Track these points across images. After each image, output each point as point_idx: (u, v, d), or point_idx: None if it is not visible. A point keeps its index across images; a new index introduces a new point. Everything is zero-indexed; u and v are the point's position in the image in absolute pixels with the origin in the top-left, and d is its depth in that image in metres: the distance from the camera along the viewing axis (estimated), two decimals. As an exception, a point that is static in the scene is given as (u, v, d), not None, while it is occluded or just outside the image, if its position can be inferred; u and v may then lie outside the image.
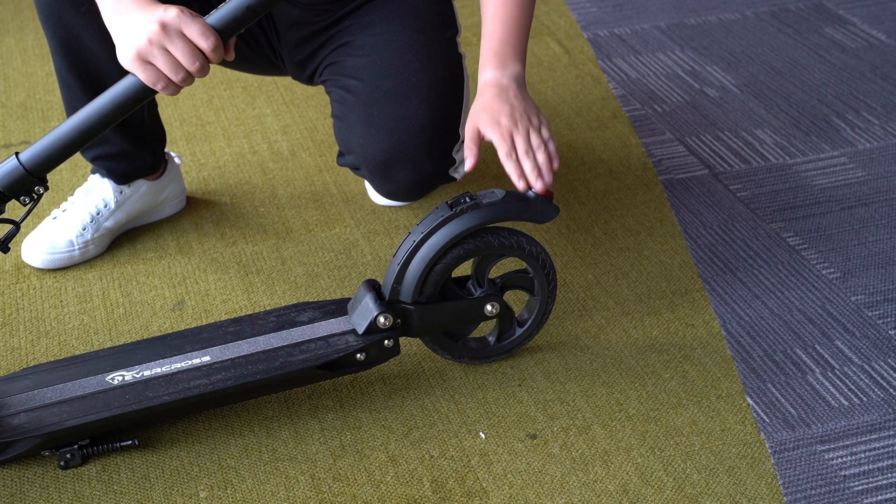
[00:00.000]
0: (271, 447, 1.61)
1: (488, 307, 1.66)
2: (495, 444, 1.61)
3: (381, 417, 1.65)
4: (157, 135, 2.01)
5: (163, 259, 2.00)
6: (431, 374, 1.73)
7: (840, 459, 1.58)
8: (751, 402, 1.68)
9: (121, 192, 2.00)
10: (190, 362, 1.59)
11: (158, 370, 1.58)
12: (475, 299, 1.66)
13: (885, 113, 2.44)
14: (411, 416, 1.66)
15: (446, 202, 1.60)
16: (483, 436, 1.62)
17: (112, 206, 1.99)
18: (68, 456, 1.54)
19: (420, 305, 1.62)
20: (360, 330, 1.61)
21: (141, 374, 1.57)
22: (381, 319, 1.60)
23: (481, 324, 1.73)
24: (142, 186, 2.02)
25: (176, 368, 1.58)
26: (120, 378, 1.57)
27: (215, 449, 1.60)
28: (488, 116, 1.58)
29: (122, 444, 1.57)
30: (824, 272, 1.95)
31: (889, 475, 1.56)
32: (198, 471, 1.57)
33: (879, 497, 1.52)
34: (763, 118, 2.43)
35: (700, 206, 2.13)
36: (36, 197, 1.42)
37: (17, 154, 1.42)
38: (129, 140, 1.94)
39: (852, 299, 1.89)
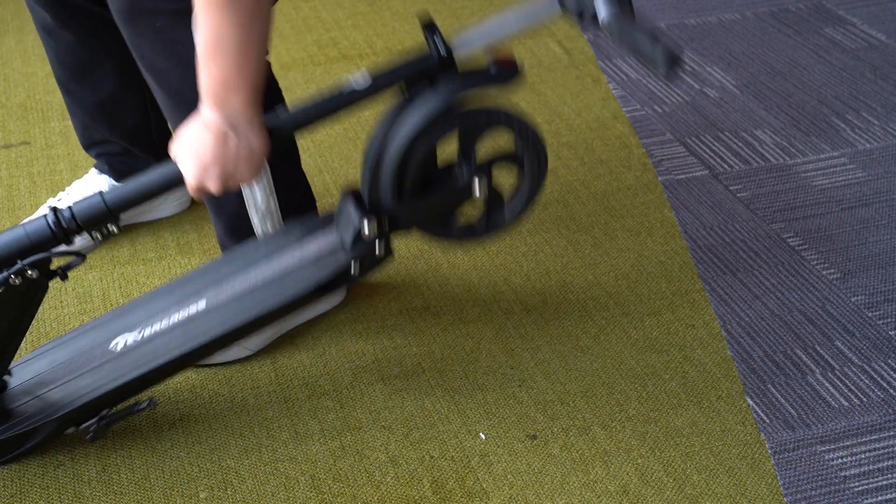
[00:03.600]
0: (271, 448, 1.60)
1: (475, 189, 1.55)
2: (495, 444, 1.61)
3: (382, 418, 1.65)
4: (162, 137, 2.01)
5: (163, 260, 1.99)
6: (431, 374, 1.73)
7: (840, 460, 1.58)
8: (751, 402, 1.68)
9: None
10: (188, 311, 1.56)
11: (159, 326, 1.55)
12: (460, 183, 1.55)
13: (885, 113, 2.44)
14: (411, 417, 1.65)
15: (402, 86, 1.50)
16: (483, 436, 1.62)
17: None
18: (92, 430, 1.53)
19: (404, 201, 1.53)
20: (348, 243, 1.56)
21: (142, 333, 1.55)
22: (366, 226, 1.53)
23: (472, 206, 1.61)
24: None
25: (176, 320, 1.55)
26: (123, 343, 1.55)
27: (215, 450, 1.60)
28: None
29: (139, 407, 1.56)
30: (824, 273, 1.95)
31: (889, 476, 1.56)
32: (198, 471, 1.57)
33: (880, 497, 1.52)
34: (763, 118, 2.43)
35: (700, 207, 2.13)
36: (106, 233, 1.46)
37: (101, 192, 1.46)
38: (134, 142, 1.94)
39: (852, 300, 1.89)
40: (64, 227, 1.42)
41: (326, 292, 1.57)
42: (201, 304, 1.57)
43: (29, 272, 1.43)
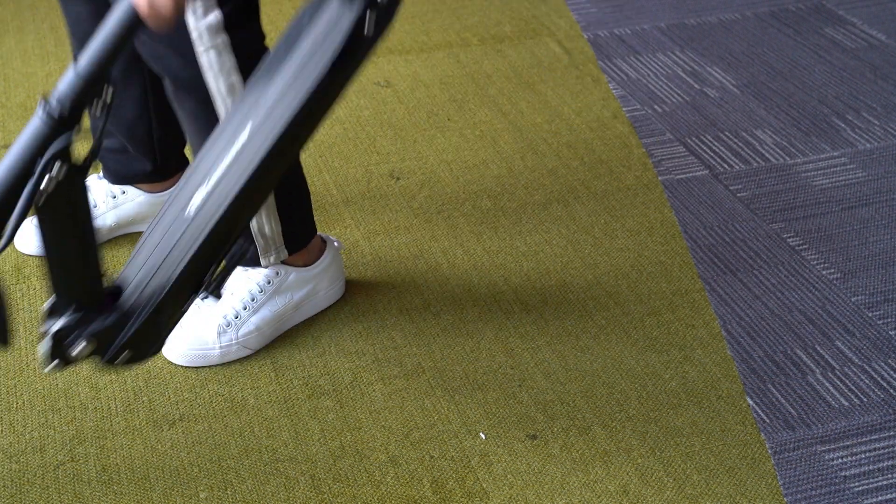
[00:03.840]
0: (271, 448, 1.61)
1: None
2: (495, 444, 1.61)
3: (381, 418, 1.65)
4: (167, 141, 1.96)
5: (163, 259, 1.99)
6: (431, 374, 1.73)
7: (840, 460, 1.58)
8: (751, 402, 1.68)
9: (113, 197, 1.97)
10: (238, 144, 1.48)
11: (220, 170, 1.49)
12: None
13: (885, 113, 2.44)
14: (411, 417, 1.66)
15: None
16: (483, 436, 1.62)
17: (101, 207, 1.97)
18: (211, 289, 1.52)
19: None
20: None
21: (207, 185, 1.50)
22: None
23: None
24: (138, 196, 1.99)
25: (232, 157, 1.49)
26: (195, 204, 1.50)
27: (215, 449, 1.60)
28: None
29: (237, 251, 1.53)
30: (824, 272, 1.95)
31: (889, 476, 1.56)
32: (198, 471, 1.57)
33: (880, 498, 1.52)
34: (763, 118, 2.43)
35: (700, 207, 2.13)
36: (104, 104, 1.38)
37: (73, 66, 1.37)
38: (131, 137, 1.92)
39: (852, 300, 1.89)
40: (55, 116, 1.37)
41: (349, 68, 1.44)
42: (246, 132, 1.48)
43: (55, 168, 1.38)
